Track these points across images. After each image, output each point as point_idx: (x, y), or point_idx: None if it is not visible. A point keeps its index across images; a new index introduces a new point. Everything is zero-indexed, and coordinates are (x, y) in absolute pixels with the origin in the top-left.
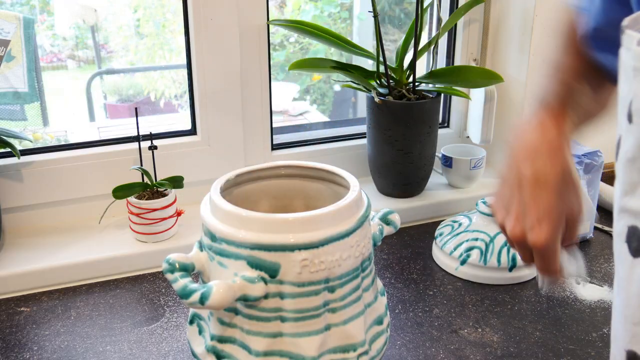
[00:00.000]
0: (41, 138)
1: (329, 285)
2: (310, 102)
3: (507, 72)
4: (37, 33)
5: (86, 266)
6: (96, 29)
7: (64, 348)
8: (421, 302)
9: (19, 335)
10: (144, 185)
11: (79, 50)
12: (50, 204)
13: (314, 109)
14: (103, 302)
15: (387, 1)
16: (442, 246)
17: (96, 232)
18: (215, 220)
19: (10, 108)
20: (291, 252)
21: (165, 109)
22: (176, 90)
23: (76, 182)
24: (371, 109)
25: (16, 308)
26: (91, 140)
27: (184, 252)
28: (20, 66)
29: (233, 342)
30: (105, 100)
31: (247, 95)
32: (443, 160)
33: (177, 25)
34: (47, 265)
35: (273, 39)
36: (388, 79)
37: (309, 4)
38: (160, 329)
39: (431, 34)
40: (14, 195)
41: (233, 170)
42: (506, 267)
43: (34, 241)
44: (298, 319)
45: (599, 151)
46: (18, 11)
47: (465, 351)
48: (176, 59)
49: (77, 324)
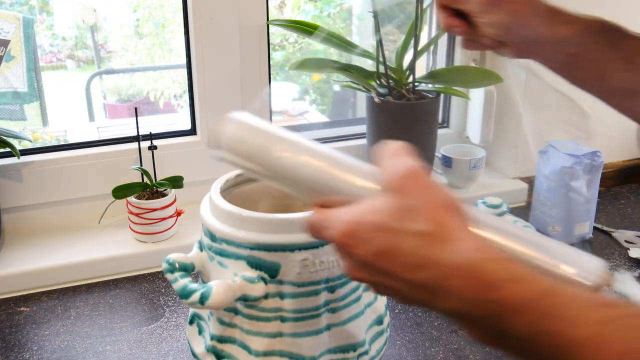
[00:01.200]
0: (41, 138)
1: (329, 285)
2: (309, 102)
3: (506, 73)
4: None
5: (86, 266)
6: (96, 29)
7: (63, 348)
8: None
9: (19, 335)
10: (144, 185)
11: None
12: (50, 204)
13: (314, 109)
14: (103, 302)
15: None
16: None
17: (96, 232)
18: (215, 220)
19: (10, 108)
20: (291, 252)
21: (165, 109)
22: (176, 90)
23: (76, 182)
24: (371, 109)
25: (16, 308)
26: (91, 140)
27: (183, 252)
28: (20, 66)
29: (233, 342)
30: (105, 100)
31: (247, 95)
32: (443, 161)
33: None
34: (46, 265)
35: (273, 39)
36: (388, 79)
37: (308, 4)
38: (160, 329)
39: (431, 34)
40: (14, 195)
41: (233, 170)
42: None
43: (34, 241)
44: (298, 319)
45: (599, 151)
46: (17, 11)
47: (465, 351)
48: (176, 59)
49: (76, 323)
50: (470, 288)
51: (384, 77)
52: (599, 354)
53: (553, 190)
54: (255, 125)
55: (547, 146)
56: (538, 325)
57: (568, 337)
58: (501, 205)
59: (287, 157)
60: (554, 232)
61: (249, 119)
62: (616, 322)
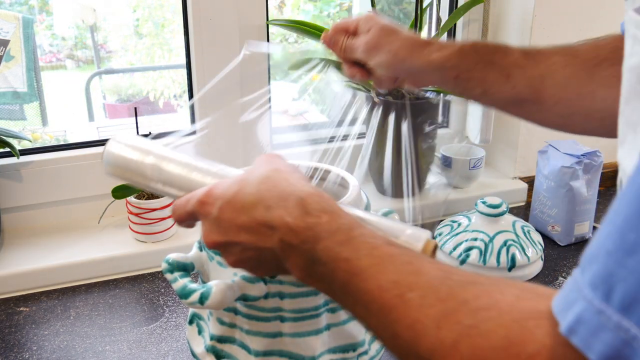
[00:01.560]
0: (40, 138)
1: None
2: (309, 102)
3: None
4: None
5: (85, 266)
6: (95, 29)
7: (63, 348)
8: None
9: (18, 335)
10: None
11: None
12: (50, 204)
13: (314, 109)
14: (102, 302)
15: (386, 1)
16: (441, 246)
17: (95, 232)
18: None
19: (10, 108)
20: None
21: (165, 109)
22: (175, 90)
23: (75, 182)
24: (371, 109)
25: (15, 308)
26: (90, 140)
27: (183, 252)
28: (20, 66)
29: (233, 342)
30: (105, 100)
31: (247, 95)
32: (442, 160)
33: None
34: (46, 265)
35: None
36: None
37: (308, 3)
38: (159, 329)
39: (430, 34)
40: (13, 195)
41: None
42: (505, 267)
43: (33, 241)
44: (298, 319)
45: (598, 151)
46: (17, 11)
47: None
48: (176, 59)
49: (76, 323)
50: (295, 215)
51: None
52: (377, 280)
53: (553, 190)
54: (131, 144)
55: (547, 146)
56: (337, 252)
57: (355, 264)
58: (501, 205)
59: (155, 166)
60: (553, 232)
61: (127, 140)
62: (394, 258)
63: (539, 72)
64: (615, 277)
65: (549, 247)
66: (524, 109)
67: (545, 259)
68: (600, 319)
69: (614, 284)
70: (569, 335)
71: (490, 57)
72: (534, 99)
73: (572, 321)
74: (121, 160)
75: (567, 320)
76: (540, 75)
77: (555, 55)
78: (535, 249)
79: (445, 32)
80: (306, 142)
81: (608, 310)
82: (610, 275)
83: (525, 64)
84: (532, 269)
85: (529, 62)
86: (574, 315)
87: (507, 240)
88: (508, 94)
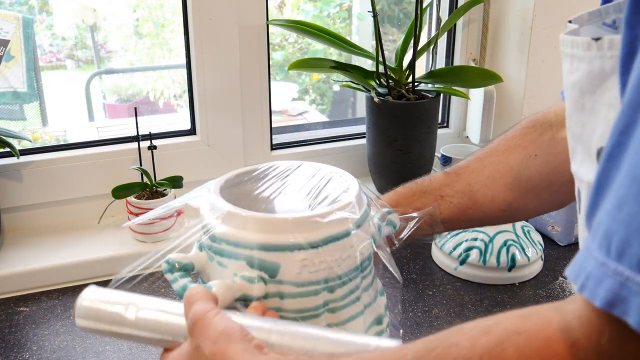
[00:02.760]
0: (40, 138)
1: (328, 285)
2: (309, 102)
3: (506, 72)
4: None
5: (85, 266)
6: (95, 29)
7: (63, 348)
8: (420, 302)
9: (18, 335)
10: (143, 185)
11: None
12: (50, 204)
13: (313, 109)
14: None
15: (386, 1)
16: (441, 246)
17: (95, 231)
18: (215, 220)
19: (10, 108)
20: (291, 252)
21: (165, 109)
22: (175, 90)
23: (75, 182)
24: (370, 109)
25: (15, 308)
26: (90, 140)
27: (183, 252)
28: (20, 66)
29: None
30: (105, 100)
31: (247, 95)
32: (442, 160)
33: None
34: (46, 265)
35: (272, 39)
36: (387, 79)
37: (308, 3)
38: None
39: (430, 34)
40: (13, 195)
41: (232, 170)
42: (505, 267)
43: (33, 241)
44: (297, 319)
45: None
46: (17, 11)
47: None
48: (175, 58)
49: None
50: None
51: (384, 77)
52: None
53: None
54: (102, 298)
55: None
56: None
57: None
58: None
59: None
60: (553, 232)
61: (97, 294)
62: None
63: (465, 182)
64: (612, 232)
65: (549, 247)
66: (470, 217)
67: (545, 259)
68: (603, 270)
69: (611, 238)
70: (581, 291)
71: (420, 188)
72: (471, 205)
73: (584, 278)
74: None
75: (580, 280)
76: (467, 184)
77: (472, 163)
78: (535, 249)
79: (445, 32)
80: (306, 142)
81: (608, 262)
82: (609, 232)
83: (450, 181)
84: (532, 269)
85: (453, 178)
86: (585, 274)
87: (507, 240)
88: (450, 211)
